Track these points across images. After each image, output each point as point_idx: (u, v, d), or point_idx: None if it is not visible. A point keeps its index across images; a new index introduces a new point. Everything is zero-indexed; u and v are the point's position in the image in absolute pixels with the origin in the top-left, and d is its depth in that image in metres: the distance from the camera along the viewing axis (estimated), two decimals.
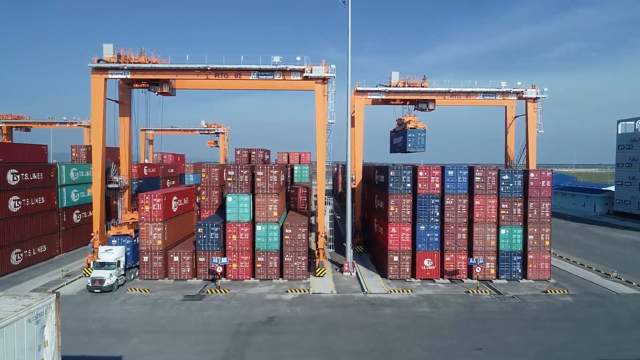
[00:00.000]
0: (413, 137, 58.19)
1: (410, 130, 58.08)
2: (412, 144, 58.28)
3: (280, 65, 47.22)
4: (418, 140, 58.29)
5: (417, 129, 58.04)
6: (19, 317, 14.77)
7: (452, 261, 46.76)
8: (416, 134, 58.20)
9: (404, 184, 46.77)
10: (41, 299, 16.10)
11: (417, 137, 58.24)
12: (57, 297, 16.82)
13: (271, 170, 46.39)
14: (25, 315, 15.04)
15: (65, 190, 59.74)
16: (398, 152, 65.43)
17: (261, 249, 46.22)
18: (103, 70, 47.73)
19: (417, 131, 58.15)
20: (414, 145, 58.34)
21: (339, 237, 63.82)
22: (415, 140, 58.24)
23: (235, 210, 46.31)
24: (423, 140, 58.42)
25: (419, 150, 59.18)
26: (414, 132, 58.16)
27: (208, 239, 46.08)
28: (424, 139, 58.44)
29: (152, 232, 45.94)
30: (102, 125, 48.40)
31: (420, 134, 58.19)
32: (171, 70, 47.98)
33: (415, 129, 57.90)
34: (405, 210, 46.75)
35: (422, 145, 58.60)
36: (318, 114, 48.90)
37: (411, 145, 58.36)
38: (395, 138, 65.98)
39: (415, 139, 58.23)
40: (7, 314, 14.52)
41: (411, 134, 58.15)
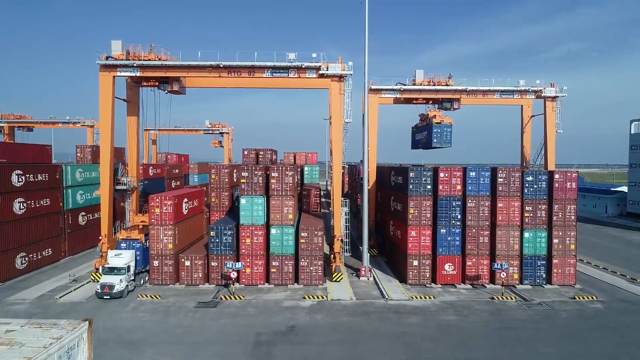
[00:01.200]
0: (439, 132, 56.60)
1: (435, 125, 56.49)
2: (438, 139, 56.70)
3: (295, 63, 45.50)
4: (444, 135, 56.71)
5: (443, 124, 56.47)
6: (49, 354, 12.64)
7: (473, 266, 45.07)
8: (442, 129, 56.60)
9: (424, 185, 45.07)
10: (72, 328, 13.98)
11: (442, 132, 56.66)
12: (89, 326, 14.81)
13: (286, 172, 44.69)
14: (56, 351, 12.91)
15: (70, 192, 58.05)
16: (421, 148, 63.84)
17: (276, 253, 44.53)
18: (112, 68, 46.02)
19: (443, 126, 56.55)
20: (440, 140, 56.76)
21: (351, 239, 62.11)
22: (441, 135, 56.66)
23: (249, 212, 44.63)
24: (449, 135, 56.86)
25: (444, 146, 57.64)
26: (439, 127, 56.56)
27: (221, 242, 44.38)
28: (450, 134, 56.90)
29: (163, 236, 44.23)
30: (111, 124, 46.69)
31: (446, 129, 56.60)
32: (182, 67, 46.25)
33: (441, 123, 56.31)
34: (426, 213, 45.05)
35: (447, 141, 57.03)
36: (334, 112, 47.19)
37: (437, 141, 56.78)
38: (418, 134, 64.37)
39: (441, 134, 56.66)
40: (36, 351, 12.46)
41: (437, 128, 56.56)
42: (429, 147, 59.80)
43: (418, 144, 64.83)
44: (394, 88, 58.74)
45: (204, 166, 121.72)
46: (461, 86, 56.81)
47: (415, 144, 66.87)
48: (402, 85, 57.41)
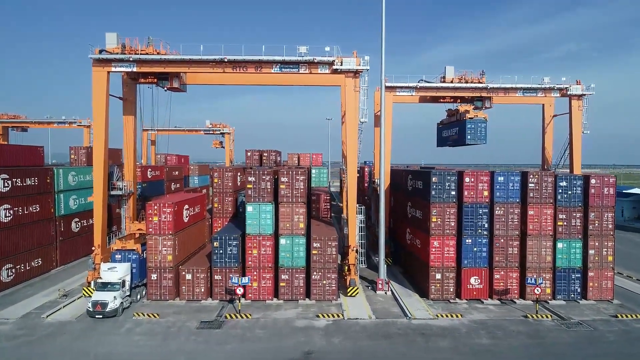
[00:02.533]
0: (473, 127, 52.85)
1: (469, 121, 52.74)
2: (472, 136, 53.00)
3: (306, 57, 41.57)
4: (478, 131, 53.02)
5: (477, 119, 52.75)
6: None
7: (502, 279, 41.18)
8: (476, 125, 52.85)
9: (448, 191, 41.17)
10: None
11: (477, 127, 52.93)
12: None
13: (297, 176, 40.79)
14: None
15: (63, 197, 54.09)
16: (450, 145, 60.06)
17: (285, 266, 40.63)
18: (106, 63, 42.09)
19: (477, 121, 52.81)
20: (474, 136, 53.04)
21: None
22: (475, 131, 52.94)
23: (256, 221, 40.72)
24: (484, 131, 53.18)
25: (478, 142, 54.04)
26: (473, 123, 52.80)
27: (225, 254, 40.46)
28: (485, 129, 53.25)
29: (162, 247, 40.31)
30: (105, 124, 42.74)
31: (481, 124, 52.86)
32: (183, 62, 42.30)
33: (475, 118, 52.53)
34: (449, 221, 41.16)
35: (482, 137, 53.34)
36: (349, 111, 43.26)
37: (471, 137, 53.07)
38: (446, 130, 60.56)
39: (475, 130, 52.94)
40: None
41: (470, 124, 52.80)
42: (460, 144, 56.15)
43: (446, 141, 60.99)
44: (409, 85, 54.73)
45: (204, 167, 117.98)
46: (493, 84, 52.85)
47: (442, 141, 63.03)
48: (425, 82, 53.50)
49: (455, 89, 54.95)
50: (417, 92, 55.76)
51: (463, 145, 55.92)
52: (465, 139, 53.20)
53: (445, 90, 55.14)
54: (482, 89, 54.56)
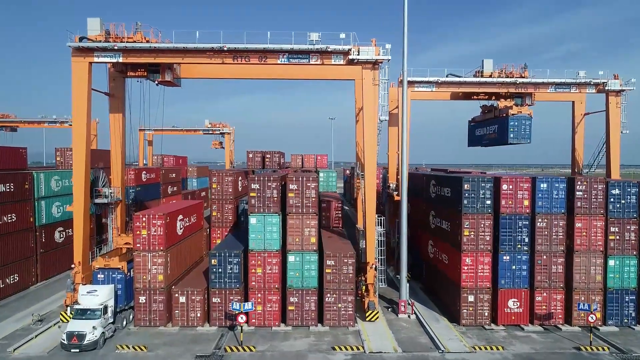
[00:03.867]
0: (516, 125, 47.57)
1: (512, 117, 47.45)
2: (515, 134, 47.75)
3: (318, 45, 36.02)
4: (522, 130, 47.80)
5: (521, 116, 47.53)
6: None
7: (544, 302, 35.66)
8: (520, 122, 47.57)
9: (483, 200, 35.64)
10: None
11: (520, 125, 47.67)
12: None
13: (308, 183, 35.26)
14: None
15: (44, 204, 48.54)
16: (486, 145, 54.68)
17: (294, 287, 35.14)
18: (87, 52, 36.54)
19: (521, 118, 47.51)
20: (517, 135, 47.78)
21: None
22: (519, 129, 47.70)
23: (261, 235, 35.20)
24: (528, 129, 47.99)
25: (522, 142, 48.87)
26: (517, 120, 47.49)
27: (225, 273, 34.93)
28: (530, 127, 48.05)
29: (151, 265, 34.76)
30: (87, 122, 37.23)
31: (526, 121, 47.58)
32: (176, 51, 36.74)
33: (518, 115, 47.21)
34: (484, 235, 35.63)
35: (527, 136, 48.13)
36: (367, 108, 37.72)
37: (514, 136, 47.84)
38: (482, 128, 55.12)
39: (518, 128, 47.71)
40: None
41: (513, 121, 47.51)
42: (499, 144, 50.88)
43: (481, 140, 55.54)
44: (429, 80, 49.22)
45: (203, 169, 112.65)
46: (536, 78, 47.44)
47: (475, 141, 57.56)
48: (454, 76, 48.04)
49: (480, 84, 49.48)
50: (437, 88, 50.23)
51: (503, 145, 50.57)
52: (506, 138, 47.79)
53: (470, 86, 49.68)
54: (509, 84, 48.98)
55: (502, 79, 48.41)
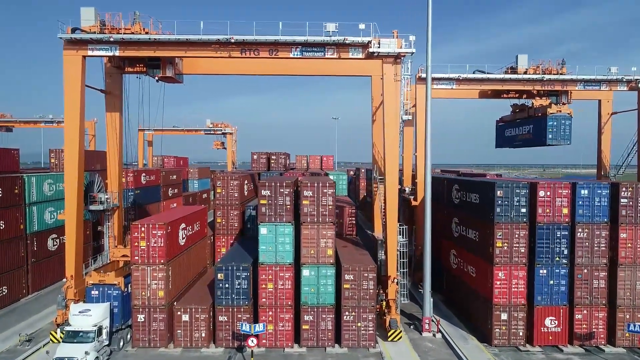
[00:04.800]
0: (555, 125, 44.37)
1: (551, 117, 44.19)
2: (554, 135, 44.58)
3: (336, 37, 32.66)
4: (562, 130, 44.61)
5: (561, 115, 44.36)
6: None
7: (585, 320, 32.29)
8: (559, 122, 44.37)
9: (517, 208, 32.26)
10: None
11: (560, 125, 44.51)
12: None
13: (324, 189, 31.89)
14: None
15: (35, 210, 45.16)
16: (519, 146, 51.41)
17: (309, 304, 31.79)
18: (81, 44, 33.24)
19: (561, 118, 44.28)
20: (557, 136, 44.63)
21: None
22: (558, 129, 44.55)
23: (272, 246, 31.84)
24: (568, 129, 44.86)
25: (562, 143, 45.83)
26: (555, 119, 44.26)
27: (232, 288, 31.56)
28: (570, 128, 44.81)
29: (151, 279, 31.40)
30: (79, 122, 33.95)
31: (565, 121, 44.38)
32: (178, 44, 33.42)
33: (557, 115, 43.95)
34: (519, 246, 32.27)
35: (567, 137, 44.99)
36: (388, 106, 34.42)
37: (552, 137, 44.68)
38: (512, 128, 51.86)
39: (557, 128, 44.54)
40: None
41: (552, 121, 44.27)
42: (535, 145, 47.74)
43: (512, 141, 52.22)
44: (449, 77, 45.93)
45: (204, 170, 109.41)
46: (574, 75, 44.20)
47: (505, 141, 54.17)
48: (481, 72, 44.77)
49: (503, 81, 46.19)
50: (458, 85, 46.98)
51: (540, 146, 47.32)
52: (544, 139, 44.53)
53: (493, 83, 46.40)
54: (535, 80, 45.72)
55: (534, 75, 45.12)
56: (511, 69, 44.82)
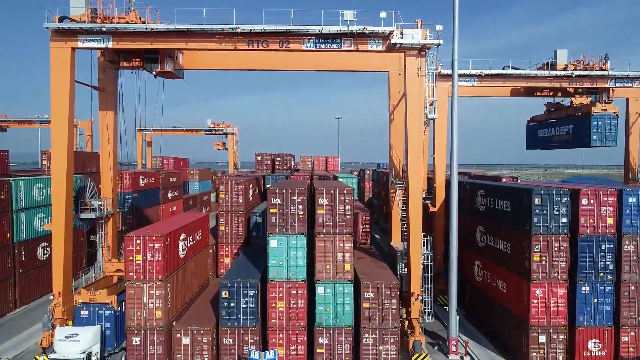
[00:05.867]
0: (600, 125, 41.27)
1: (596, 116, 40.93)
2: (599, 135, 41.54)
3: (354, 27, 29.28)
4: (607, 130, 41.41)
5: (606, 115, 41.24)
6: None
7: (632, 342, 28.93)
8: (604, 121, 41.20)
9: (557, 218, 28.89)
10: None
11: (605, 125, 41.40)
12: None
13: (342, 196, 28.49)
14: None
15: (24, 217, 41.82)
16: (554, 147, 48.20)
17: (324, 325, 28.38)
18: (69, 35, 29.90)
19: (606, 117, 41.21)
20: (601, 137, 41.57)
21: None
22: (603, 129, 41.39)
23: (283, 261, 28.46)
24: (614, 130, 42.02)
25: (607, 145, 42.76)
26: (600, 119, 41.07)
27: (238, 308, 28.15)
28: (616, 128, 41.77)
29: (147, 298, 27.95)
30: (68, 121, 30.61)
31: (611, 121, 41.31)
32: (178, 35, 30.06)
33: (602, 114, 40.73)
34: (559, 261, 28.90)
35: (612, 138, 42.07)
36: (411, 103, 31.05)
37: (597, 138, 41.65)
38: (547, 129, 48.69)
39: (602, 128, 41.34)
40: None
41: (597, 120, 41.17)
42: (577, 146, 44.71)
43: (547, 142, 49.00)
44: (470, 73, 42.59)
45: (205, 172, 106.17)
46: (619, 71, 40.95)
47: (539, 142, 50.84)
48: (512, 68, 41.49)
49: (528, 77, 42.86)
50: (479, 82, 43.67)
51: (581, 147, 43.98)
52: (587, 140, 41.31)
53: (518, 79, 43.09)
54: (562, 77, 42.37)
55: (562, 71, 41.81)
56: (547, 65, 41.49)
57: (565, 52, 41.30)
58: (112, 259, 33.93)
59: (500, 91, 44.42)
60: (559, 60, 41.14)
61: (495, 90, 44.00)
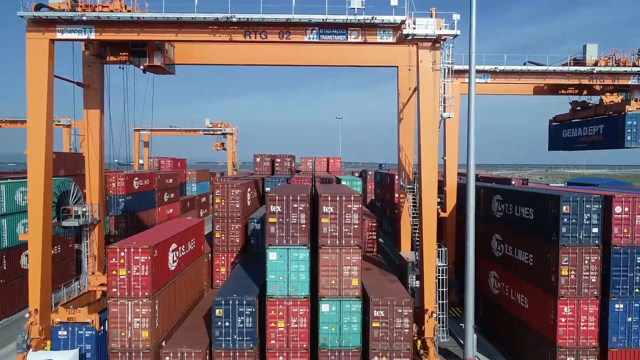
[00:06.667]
0: (635, 125, 38.41)
1: (630, 115, 38.18)
2: (634, 136, 38.86)
3: (362, 16, 26.43)
4: None
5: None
6: None
7: None
8: (639, 121, 38.20)
9: (588, 228, 26.05)
10: None
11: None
12: None
13: (348, 203, 25.67)
14: None
15: (5, 223, 38.94)
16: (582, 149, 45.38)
17: (329, 346, 25.57)
18: (47, 25, 27.04)
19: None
20: (636, 137, 39.01)
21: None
22: (638, 129, 38.47)
23: (283, 275, 25.63)
24: None
25: None
26: (635, 118, 38.21)
27: (233, 327, 25.36)
28: None
29: (132, 317, 25.15)
30: (46, 119, 27.70)
31: None
32: (167, 25, 27.17)
33: (636, 113, 38.06)
34: (590, 275, 26.06)
35: None
36: (424, 99, 28.18)
37: (632, 138, 39.03)
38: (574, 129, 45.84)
39: (637, 128, 38.51)
40: None
41: (631, 120, 38.41)
42: (608, 147, 42.01)
43: (574, 142, 46.17)
44: (484, 69, 39.70)
45: (204, 173, 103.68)
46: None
47: (564, 143, 47.90)
48: (533, 64, 38.75)
49: (545, 74, 40.00)
50: (493, 78, 40.78)
51: (613, 148, 41.35)
52: (620, 140, 38.63)
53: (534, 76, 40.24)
54: (582, 73, 39.54)
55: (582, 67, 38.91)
56: (575, 61, 38.72)
57: (595, 47, 38.49)
58: (97, 272, 31.09)
59: (519, 89, 41.60)
60: (588, 55, 38.33)
61: (511, 87, 41.16)
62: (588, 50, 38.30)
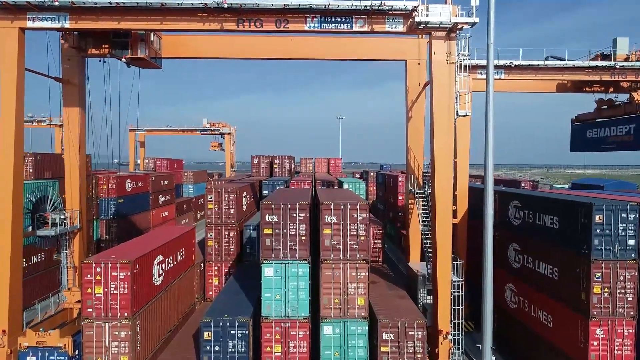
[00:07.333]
0: None
1: None
2: None
3: (368, 1, 23.53)
4: None
5: None
6: None
7: None
8: None
9: (623, 240, 23.14)
10: None
11: None
12: None
13: (354, 212, 22.78)
14: None
15: None
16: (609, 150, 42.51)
17: None
18: (16, 12, 24.18)
19: None
20: None
21: None
22: None
23: (280, 293, 22.75)
24: None
25: None
26: None
27: (224, 352, 22.49)
28: None
29: (110, 340, 22.29)
30: (16, 116, 24.87)
31: None
32: (151, 11, 24.25)
33: None
34: (626, 294, 23.15)
35: None
36: (438, 94, 25.32)
37: None
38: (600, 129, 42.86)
39: None
40: None
41: None
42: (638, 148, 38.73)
43: (601, 143, 43.16)
44: (498, 64, 36.76)
45: (201, 174, 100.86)
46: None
47: (588, 144, 44.88)
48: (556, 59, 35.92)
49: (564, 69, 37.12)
50: (507, 74, 37.87)
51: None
52: None
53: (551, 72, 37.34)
54: (605, 68, 36.67)
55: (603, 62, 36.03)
56: (603, 55, 35.88)
57: (626, 41, 35.53)
58: (75, 287, 28.18)
59: (536, 86, 38.65)
60: (619, 49, 35.34)
61: (528, 84, 38.23)
62: (619, 44, 35.35)
